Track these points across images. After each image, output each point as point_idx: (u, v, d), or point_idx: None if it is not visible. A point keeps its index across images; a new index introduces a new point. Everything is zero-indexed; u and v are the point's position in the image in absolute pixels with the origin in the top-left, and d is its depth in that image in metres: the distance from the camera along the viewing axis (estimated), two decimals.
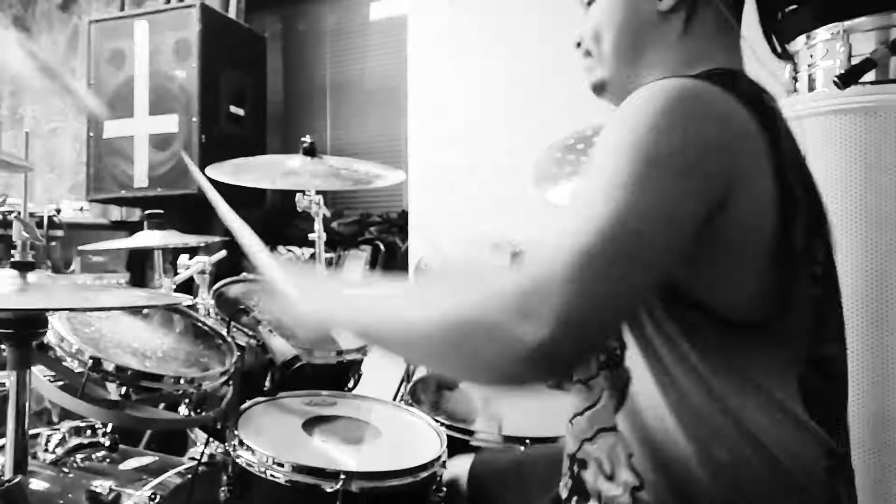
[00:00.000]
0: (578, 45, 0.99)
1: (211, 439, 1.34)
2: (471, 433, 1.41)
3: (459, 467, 1.23)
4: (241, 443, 1.18)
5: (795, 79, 1.46)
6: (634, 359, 0.83)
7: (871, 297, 1.25)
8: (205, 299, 1.68)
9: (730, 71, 0.86)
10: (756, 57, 0.94)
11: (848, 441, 0.87)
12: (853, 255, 1.27)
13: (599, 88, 0.98)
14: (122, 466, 1.36)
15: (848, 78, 1.23)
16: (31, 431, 1.34)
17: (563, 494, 0.92)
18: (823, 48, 1.38)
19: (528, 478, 1.18)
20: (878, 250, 1.25)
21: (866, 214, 1.26)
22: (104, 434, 1.42)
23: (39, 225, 2.72)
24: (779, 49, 1.00)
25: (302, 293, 0.88)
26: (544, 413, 1.37)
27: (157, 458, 1.41)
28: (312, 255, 2.05)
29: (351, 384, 1.65)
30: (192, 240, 2.01)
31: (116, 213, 3.48)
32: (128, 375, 1.27)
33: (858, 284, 1.26)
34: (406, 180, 2.39)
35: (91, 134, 3.11)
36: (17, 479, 1.05)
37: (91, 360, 1.24)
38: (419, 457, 1.19)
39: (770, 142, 0.76)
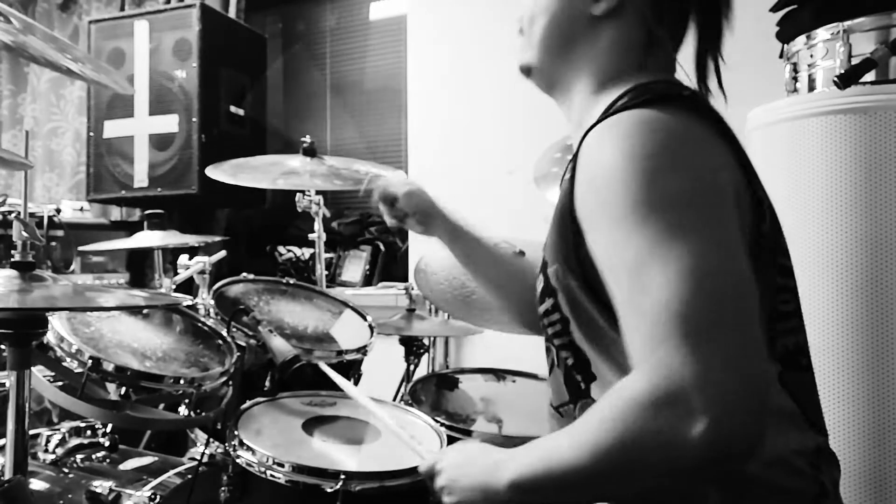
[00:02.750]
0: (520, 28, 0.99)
1: (211, 439, 1.34)
2: (470, 433, 1.41)
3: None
4: (241, 443, 1.18)
5: (795, 79, 1.46)
6: (602, 390, 0.82)
7: (871, 296, 1.25)
8: (205, 299, 1.68)
9: (677, 84, 0.86)
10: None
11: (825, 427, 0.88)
12: (853, 255, 1.27)
13: (525, 71, 0.99)
14: (122, 467, 1.36)
15: (848, 78, 1.23)
16: (31, 431, 1.34)
17: None
18: (823, 48, 1.38)
19: None
20: (879, 250, 1.25)
21: (866, 214, 1.26)
22: (104, 434, 1.42)
23: (39, 225, 2.71)
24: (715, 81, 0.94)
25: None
26: (544, 414, 1.37)
27: (157, 459, 1.41)
28: (312, 255, 2.05)
29: (351, 384, 1.64)
30: (192, 240, 2.01)
31: (116, 213, 3.48)
32: (127, 376, 1.27)
33: (858, 284, 1.26)
34: None
35: (91, 134, 3.10)
36: (17, 479, 1.05)
37: (91, 361, 1.24)
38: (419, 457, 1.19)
39: (733, 150, 0.79)
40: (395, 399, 1.96)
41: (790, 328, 0.84)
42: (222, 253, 1.96)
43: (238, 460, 1.18)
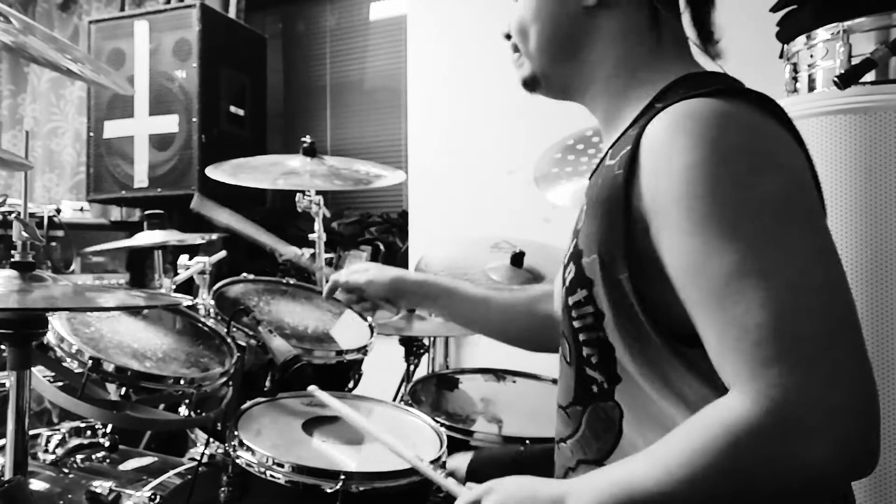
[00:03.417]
0: (508, 37, 0.96)
1: (211, 440, 1.34)
2: (470, 433, 1.41)
3: (458, 463, 1.23)
4: (241, 443, 1.18)
5: (795, 79, 1.46)
6: (627, 394, 0.79)
7: (872, 296, 1.25)
8: (205, 299, 1.68)
9: (731, 79, 0.83)
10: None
11: None
12: (853, 255, 1.27)
13: (530, 84, 0.95)
14: (122, 467, 1.36)
15: (848, 78, 1.22)
16: (31, 432, 1.34)
17: None
18: (823, 48, 1.38)
19: (526, 475, 1.18)
20: (879, 250, 1.25)
21: (866, 214, 1.26)
22: (104, 434, 1.41)
23: (39, 225, 2.71)
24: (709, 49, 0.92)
25: None
26: (544, 414, 1.37)
27: (157, 459, 1.41)
28: (312, 256, 2.05)
29: (351, 384, 1.65)
30: (192, 240, 2.01)
31: (116, 213, 3.48)
32: (128, 376, 1.27)
33: (858, 284, 1.26)
34: (406, 180, 2.40)
35: (91, 134, 3.11)
36: (17, 479, 1.05)
37: (91, 361, 1.24)
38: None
39: (804, 151, 0.76)
40: (395, 399, 1.96)
41: None
42: (222, 253, 1.96)
43: (238, 460, 1.18)
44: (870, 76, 1.27)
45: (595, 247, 0.79)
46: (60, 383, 1.33)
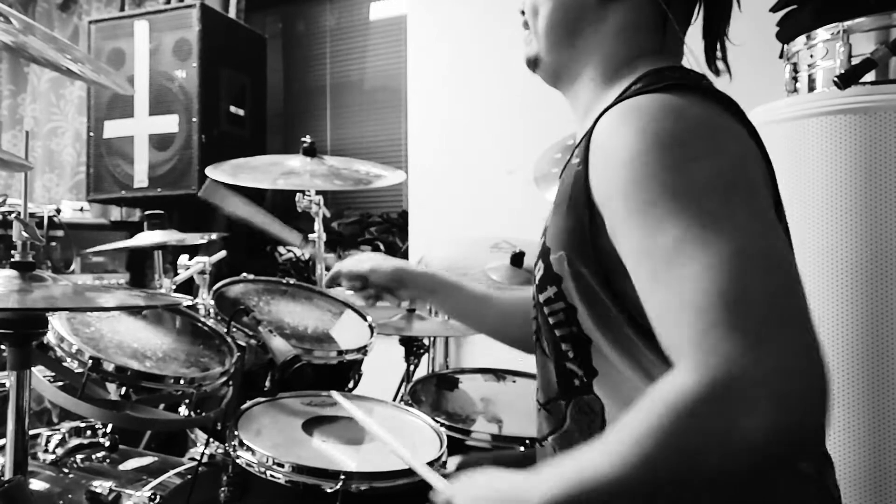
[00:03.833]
0: (523, 12, 0.96)
1: (211, 439, 1.34)
2: (471, 433, 1.41)
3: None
4: (241, 443, 1.18)
5: (795, 79, 1.46)
6: (607, 385, 0.80)
7: (871, 296, 1.25)
8: (205, 299, 1.68)
9: (691, 72, 0.84)
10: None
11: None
12: (853, 255, 1.27)
13: (532, 63, 0.96)
14: (122, 467, 1.36)
15: (848, 78, 1.22)
16: (31, 432, 1.34)
17: None
18: (823, 48, 1.38)
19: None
20: (879, 250, 1.25)
21: (866, 214, 1.26)
22: (104, 434, 1.42)
23: (39, 225, 2.71)
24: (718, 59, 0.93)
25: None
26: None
27: (157, 459, 1.41)
28: (312, 256, 2.05)
29: (351, 384, 1.64)
30: (192, 240, 2.01)
31: (116, 213, 3.48)
32: (128, 376, 1.27)
33: (858, 284, 1.26)
34: (406, 180, 2.40)
35: (91, 134, 3.11)
36: (17, 479, 1.05)
37: (91, 361, 1.24)
38: (419, 457, 1.19)
39: (755, 141, 0.78)
40: (395, 399, 1.96)
41: None
42: (222, 253, 1.96)
43: (238, 460, 1.18)
44: (870, 76, 1.27)
45: (560, 243, 0.80)
46: (60, 383, 1.33)
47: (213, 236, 2.07)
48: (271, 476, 1.13)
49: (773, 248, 0.64)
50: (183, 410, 1.43)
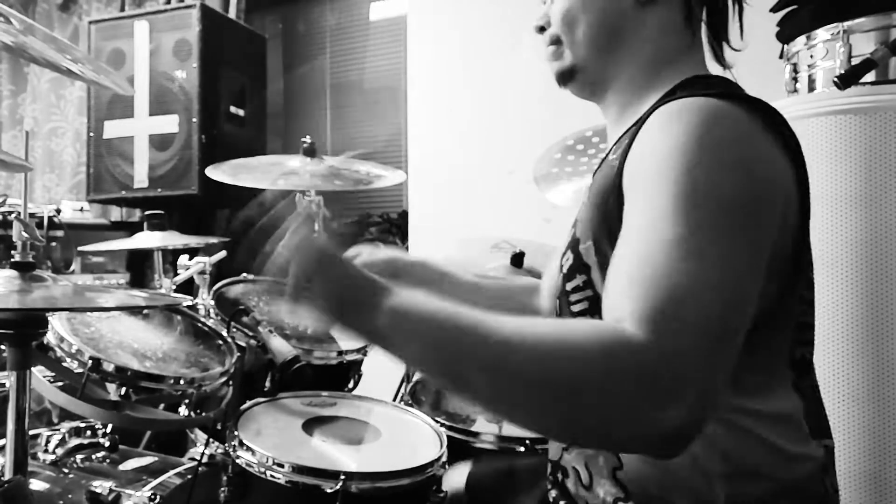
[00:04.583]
0: (542, 29, 0.96)
1: (211, 440, 1.34)
2: (470, 434, 1.41)
3: (457, 477, 1.23)
4: (241, 443, 1.18)
5: (795, 79, 1.46)
6: None
7: (871, 297, 1.25)
8: (205, 300, 1.68)
9: (734, 85, 0.86)
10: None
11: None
12: (853, 255, 1.27)
13: (568, 75, 0.95)
14: (122, 467, 1.36)
15: (848, 78, 1.22)
16: (31, 432, 1.34)
17: (552, 496, 0.92)
18: (823, 48, 1.38)
19: (522, 481, 1.18)
20: (879, 250, 1.25)
21: (866, 214, 1.26)
22: (104, 434, 1.42)
23: (39, 225, 2.71)
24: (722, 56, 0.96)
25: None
26: None
27: (157, 459, 1.41)
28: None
29: (351, 385, 1.65)
30: (192, 240, 2.01)
31: (116, 213, 3.48)
32: (128, 376, 1.28)
33: (859, 284, 1.26)
34: (406, 180, 2.39)
35: (91, 134, 3.10)
36: (17, 479, 1.05)
37: (91, 361, 1.24)
38: (419, 457, 1.19)
39: (793, 160, 0.78)
40: (395, 399, 1.96)
41: (808, 339, 0.84)
42: (222, 253, 1.96)
43: (238, 460, 1.18)
44: (870, 76, 1.27)
45: (590, 232, 0.83)
46: (60, 383, 1.33)
47: (214, 239, 2.07)
48: (271, 476, 1.13)
49: (744, 280, 0.67)
50: (183, 410, 1.43)
